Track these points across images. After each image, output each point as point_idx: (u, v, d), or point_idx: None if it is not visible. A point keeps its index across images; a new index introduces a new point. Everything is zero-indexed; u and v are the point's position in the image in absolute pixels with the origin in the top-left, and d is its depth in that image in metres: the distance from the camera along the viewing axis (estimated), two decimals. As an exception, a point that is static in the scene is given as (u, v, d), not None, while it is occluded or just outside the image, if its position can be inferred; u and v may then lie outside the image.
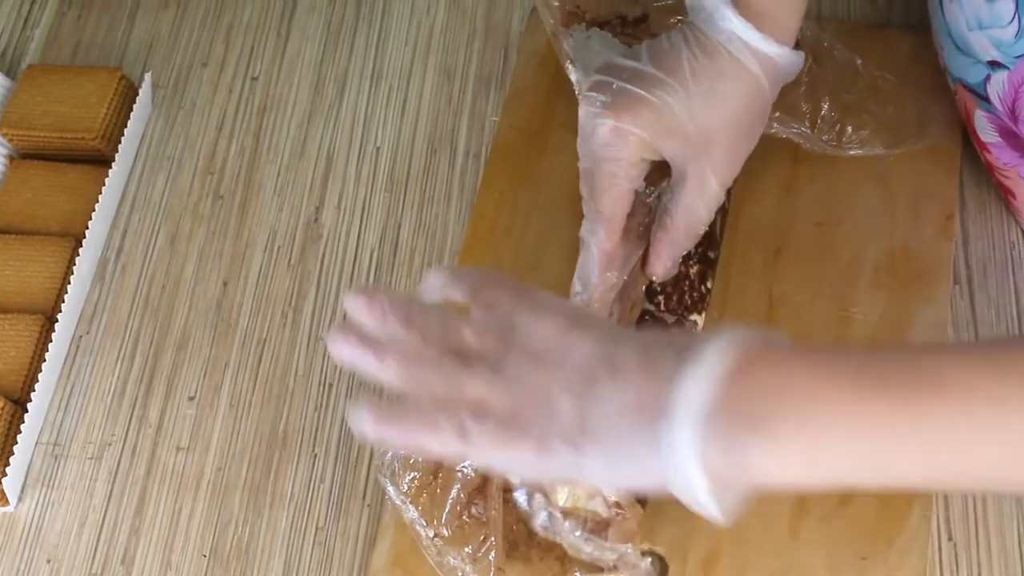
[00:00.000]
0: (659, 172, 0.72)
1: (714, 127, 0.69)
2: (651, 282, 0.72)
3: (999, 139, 0.73)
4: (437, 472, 0.69)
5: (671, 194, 0.71)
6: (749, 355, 0.50)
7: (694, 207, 0.70)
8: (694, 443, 0.48)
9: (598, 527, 0.67)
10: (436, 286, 0.59)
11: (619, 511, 0.66)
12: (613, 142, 0.69)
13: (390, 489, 0.69)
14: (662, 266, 0.72)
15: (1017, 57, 0.65)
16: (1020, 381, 0.47)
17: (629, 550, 0.66)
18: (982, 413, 0.47)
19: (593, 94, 0.70)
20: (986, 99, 0.70)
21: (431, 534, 0.68)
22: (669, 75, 0.69)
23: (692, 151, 0.69)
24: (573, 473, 0.53)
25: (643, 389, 0.50)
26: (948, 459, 0.48)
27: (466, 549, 0.68)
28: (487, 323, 0.55)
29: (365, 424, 0.54)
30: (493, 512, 0.68)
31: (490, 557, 0.68)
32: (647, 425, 0.49)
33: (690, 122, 0.68)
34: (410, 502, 0.69)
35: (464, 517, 0.69)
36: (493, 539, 0.68)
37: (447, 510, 0.68)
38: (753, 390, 0.49)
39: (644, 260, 0.73)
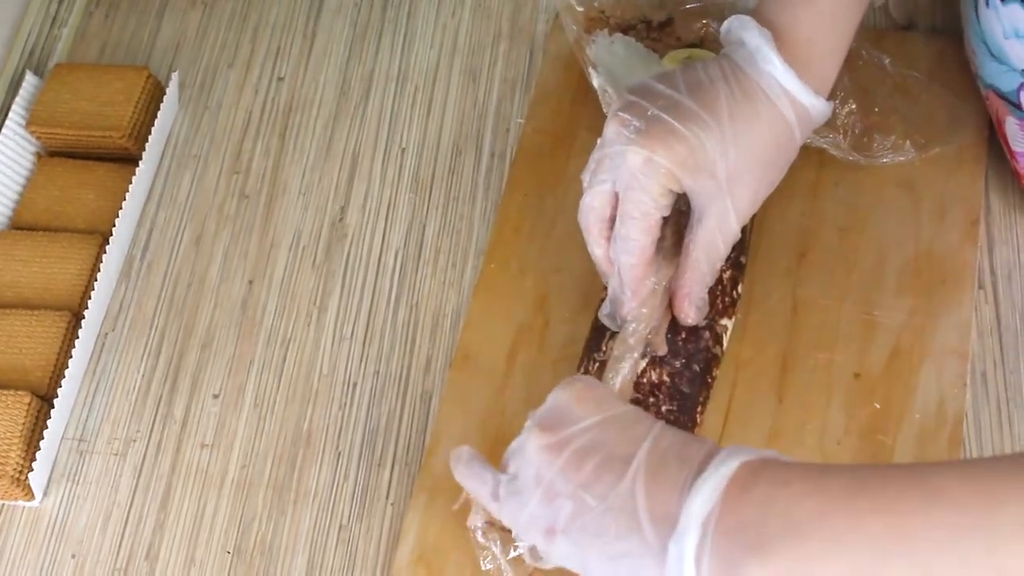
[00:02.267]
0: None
1: (742, 169, 0.68)
2: None
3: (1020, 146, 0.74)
4: None
5: (690, 232, 0.70)
6: (751, 467, 0.53)
7: (714, 245, 0.69)
8: (695, 560, 0.52)
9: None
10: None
11: None
12: (645, 172, 0.67)
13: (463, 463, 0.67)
14: (694, 310, 0.70)
15: None
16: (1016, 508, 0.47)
17: None
18: (978, 532, 0.48)
19: (627, 116, 0.68)
20: (1019, 107, 0.70)
21: (485, 515, 0.68)
22: (705, 111, 0.67)
23: (717, 191, 0.68)
24: (575, 566, 0.58)
25: (652, 501, 0.54)
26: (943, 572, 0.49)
27: (513, 547, 0.68)
28: (546, 410, 0.62)
29: (455, 456, 0.65)
30: None
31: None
32: (653, 537, 0.53)
33: (720, 161, 0.67)
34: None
35: None
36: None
37: None
38: (751, 508, 0.52)
39: (672, 305, 0.71)
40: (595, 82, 0.82)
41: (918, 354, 0.72)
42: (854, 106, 0.79)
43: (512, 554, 0.67)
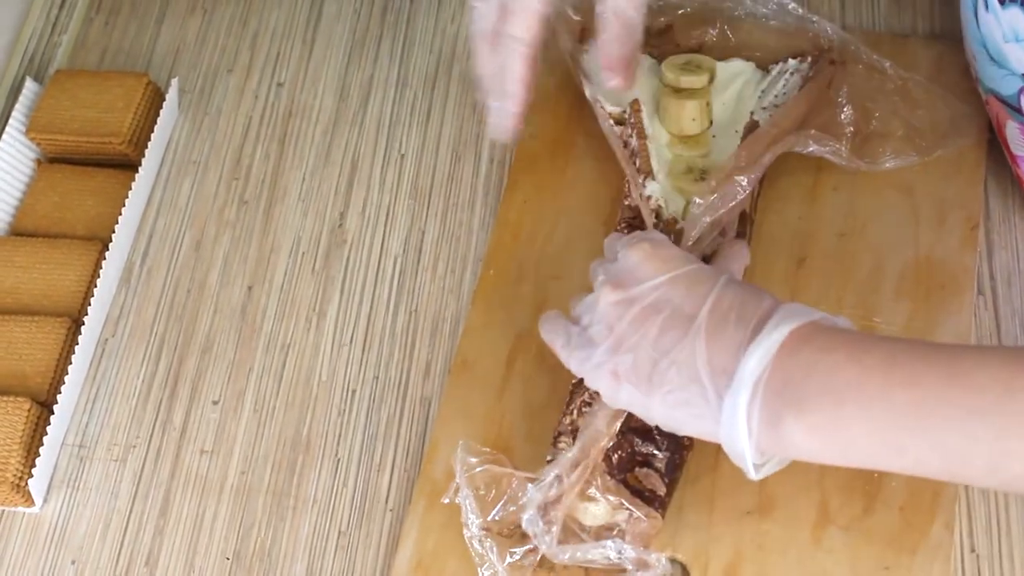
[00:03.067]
0: None
1: None
2: None
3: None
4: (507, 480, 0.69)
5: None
6: (800, 334, 0.58)
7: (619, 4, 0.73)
8: (747, 413, 0.58)
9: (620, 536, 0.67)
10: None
11: (637, 516, 0.67)
12: None
13: (461, 473, 0.68)
14: (615, 73, 0.75)
15: None
16: None
17: (643, 552, 0.67)
18: (990, 416, 0.53)
19: None
20: (1019, 111, 0.70)
21: (482, 523, 0.68)
22: None
23: None
24: (639, 412, 0.64)
25: (712, 357, 0.60)
26: (975, 456, 0.54)
27: (513, 553, 0.68)
28: (617, 270, 0.66)
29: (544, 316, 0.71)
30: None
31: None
32: (712, 390, 0.59)
33: None
34: (472, 488, 0.69)
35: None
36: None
37: (500, 506, 0.68)
38: (797, 370, 0.57)
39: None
40: (588, 92, 0.82)
41: (917, 359, 0.72)
42: (854, 114, 0.79)
43: (509, 559, 0.67)
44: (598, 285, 0.67)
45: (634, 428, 0.69)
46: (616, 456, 0.69)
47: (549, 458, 0.68)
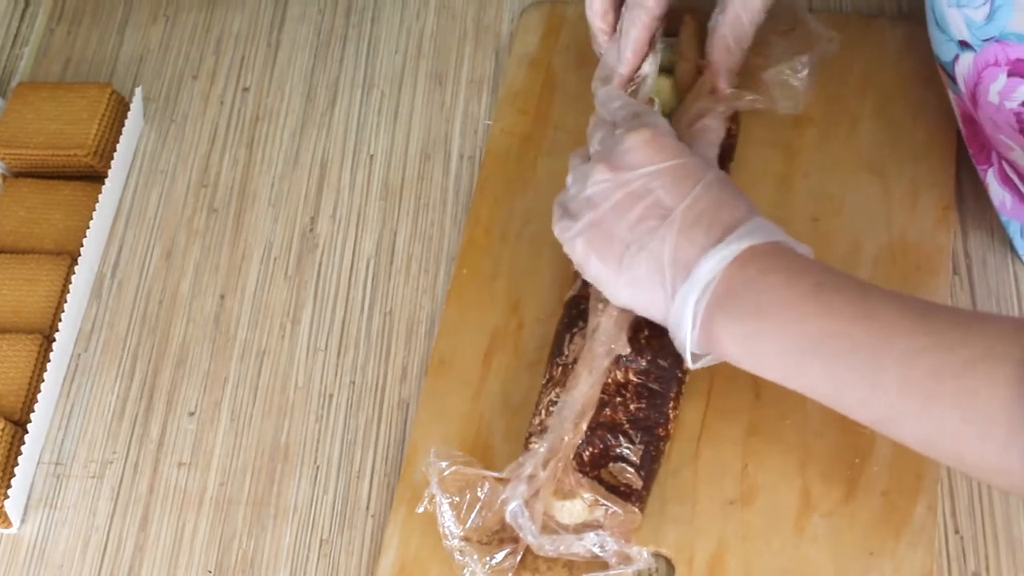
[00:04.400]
0: None
1: None
2: None
3: (961, 125, 0.73)
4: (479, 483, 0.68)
5: (717, 14, 0.76)
6: (757, 250, 0.63)
7: (738, 21, 0.75)
8: (692, 311, 0.63)
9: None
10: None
11: (614, 511, 0.66)
12: None
13: (434, 482, 0.68)
14: (723, 81, 0.76)
15: (984, 40, 0.65)
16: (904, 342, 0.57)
17: (625, 546, 0.66)
18: (871, 353, 0.58)
19: None
20: (953, 79, 0.69)
21: (460, 533, 0.67)
22: None
23: None
24: (603, 288, 0.68)
25: (677, 252, 0.64)
26: (852, 387, 0.59)
27: (493, 559, 0.67)
28: (612, 148, 0.69)
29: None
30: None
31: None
32: (670, 281, 0.64)
33: None
34: (446, 497, 0.68)
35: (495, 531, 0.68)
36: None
37: (475, 513, 0.68)
38: (739, 283, 0.62)
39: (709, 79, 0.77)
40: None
41: (895, 342, 0.72)
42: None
43: (490, 563, 0.67)
44: (593, 157, 0.70)
45: (604, 424, 0.69)
46: (587, 453, 0.68)
47: (521, 461, 0.68)
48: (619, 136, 0.69)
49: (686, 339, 0.64)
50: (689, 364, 0.66)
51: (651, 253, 0.65)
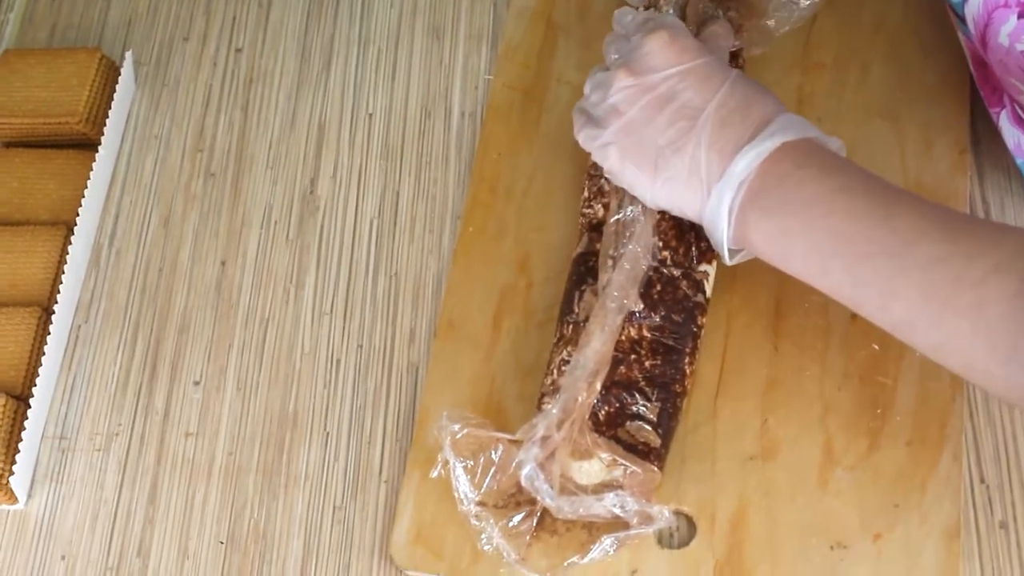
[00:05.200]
0: None
1: None
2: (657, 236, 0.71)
3: (972, 68, 0.71)
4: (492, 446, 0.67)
5: None
6: (789, 146, 0.63)
7: None
8: (728, 208, 0.64)
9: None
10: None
11: (633, 470, 0.65)
12: None
13: (448, 447, 0.66)
14: None
15: None
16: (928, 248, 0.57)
17: (645, 505, 0.65)
18: (895, 259, 0.58)
19: None
20: (963, 20, 0.68)
21: (475, 497, 0.66)
22: None
23: None
24: (639, 192, 0.69)
25: (711, 151, 0.64)
26: (872, 291, 0.59)
27: (509, 522, 0.66)
28: (632, 54, 0.69)
29: None
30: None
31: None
32: (705, 180, 0.65)
33: None
34: (460, 462, 0.67)
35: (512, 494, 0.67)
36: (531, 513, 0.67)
37: (490, 477, 0.66)
38: (772, 179, 0.63)
39: None
40: None
41: (913, 290, 0.70)
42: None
43: (507, 526, 0.65)
44: (612, 65, 0.70)
45: (619, 382, 0.67)
46: (603, 412, 0.67)
47: (534, 422, 0.66)
48: (637, 41, 0.69)
49: (723, 237, 0.65)
50: (726, 260, 0.67)
51: (686, 154, 0.65)
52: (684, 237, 0.70)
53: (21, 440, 0.75)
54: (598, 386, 0.66)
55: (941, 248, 0.57)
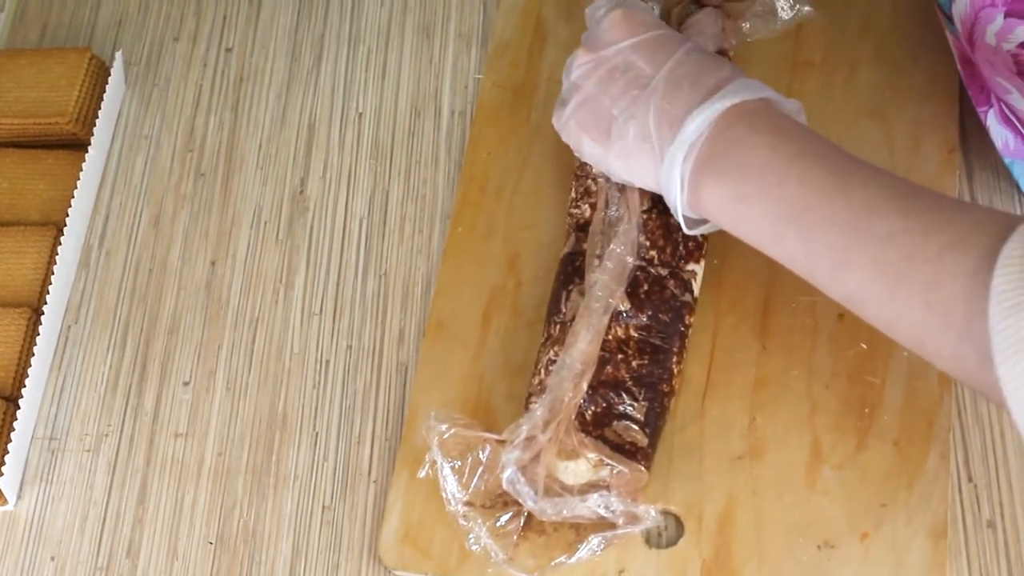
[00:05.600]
0: None
1: None
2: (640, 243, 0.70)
3: (960, 67, 0.71)
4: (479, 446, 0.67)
5: None
6: (743, 108, 0.63)
7: None
8: (681, 169, 0.64)
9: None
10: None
11: (620, 470, 0.65)
12: None
13: (435, 447, 0.66)
14: None
15: None
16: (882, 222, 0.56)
17: (632, 505, 0.65)
18: (848, 230, 0.57)
19: None
20: (950, 19, 0.68)
21: (463, 498, 0.66)
22: None
23: None
24: (598, 164, 0.70)
25: (662, 116, 0.64)
26: (825, 262, 0.59)
27: (497, 521, 0.66)
28: (592, 33, 0.70)
29: None
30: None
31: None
32: (657, 145, 0.65)
33: None
34: (448, 462, 0.67)
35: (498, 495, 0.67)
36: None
37: (477, 477, 0.66)
38: (724, 142, 0.62)
39: None
40: None
41: (901, 289, 0.70)
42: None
43: (494, 527, 0.65)
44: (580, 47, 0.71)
45: (606, 382, 0.67)
46: (590, 412, 0.67)
47: (519, 422, 0.66)
48: (596, 20, 0.70)
49: (676, 201, 0.65)
50: (684, 229, 0.67)
51: (638, 121, 0.65)
52: (671, 236, 0.70)
53: (11, 441, 0.76)
54: (584, 386, 0.66)
55: (896, 222, 0.56)
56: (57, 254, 0.82)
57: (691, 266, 0.71)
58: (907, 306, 0.55)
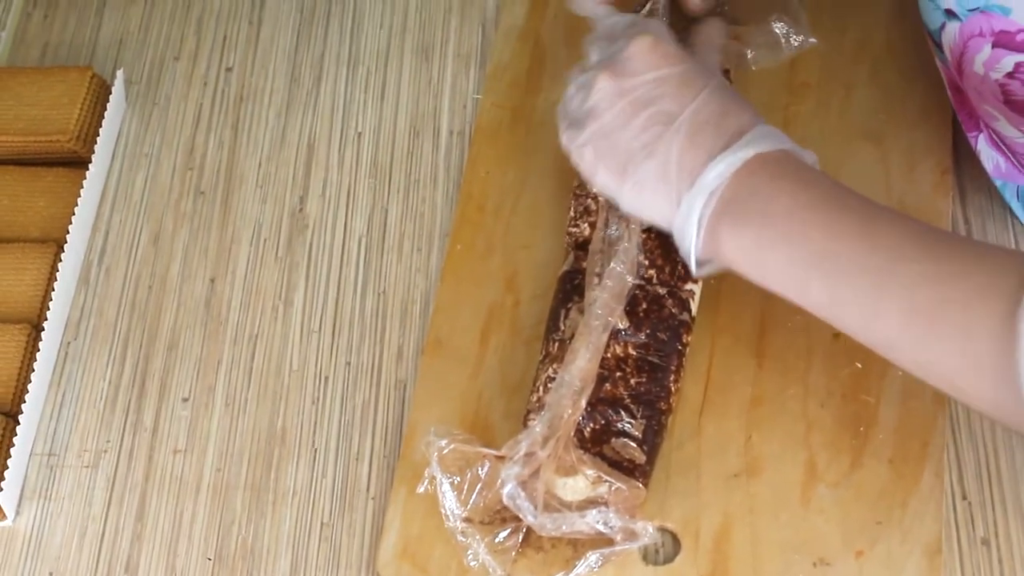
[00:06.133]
0: None
1: None
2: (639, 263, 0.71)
3: (949, 93, 0.72)
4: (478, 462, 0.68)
5: None
6: (764, 158, 0.62)
7: None
8: (698, 218, 0.63)
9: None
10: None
11: (618, 487, 0.65)
12: None
13: (435, 463, 0.67)
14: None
15: (971, 10, 0.64)
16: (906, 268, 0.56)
17: (629, 521, 0.65)
18: (876, 275, 0.57)
19: None
20: (940, 48, 0.69)
21: (462, 514, 0.67)
22: None
23: None
24: (611, 196, 0.68)
25: (683, 158, 0.63)
26: (854, 309, 0.59)
27: (495, 538, 0.67)
28: (615, 57, 0.68)
29: None
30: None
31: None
32: (676, 187, 0.64)
33: None
34: (447, 478, 0.67)
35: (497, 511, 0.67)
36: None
37: (476, 493, 0.67)
38: (744, 190, 0.62)
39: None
40: None
41: (896, 309, 0.71)
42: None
43: (492, 544, 0.66)
44: (594, 66, 0.69)
45: (604, 399, 0.68)
46: (588, 429, 0.67)
47: (518, 439, 0.67)
48: (620, 44, 0.68)
49: (691, 246, 0.64)
50: (694, 271, 0.66)
51: (657, 160, 0.64)
52: (670, 256, 0.71)
53: (10, 457, 0.76)
54: (583, 403, 0.67)
55: (925, 267, 0.56)
56: (57, 271, 0.82)
57: (689, 286, 0.71)
58: (940, 352, 0.55)
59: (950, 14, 0.66)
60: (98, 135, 0.88)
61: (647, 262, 0.70)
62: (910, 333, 0.56)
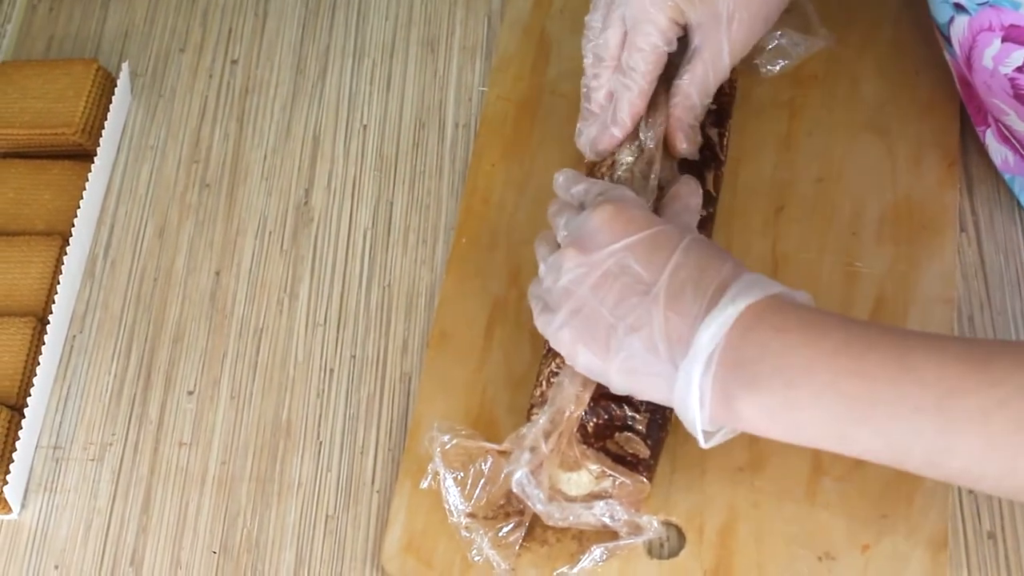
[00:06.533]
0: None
1: (741, 5, 0.70)
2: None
3: (958, 87, 0.72)
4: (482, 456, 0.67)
5: (685, 66, 0.72)
6: (757, 309, 0.58)
7: (705, 79, 0.72)
8: (700, 386, 0.58)
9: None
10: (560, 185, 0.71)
11: (622, 481, 0.65)
12: (655, 4, 0.70)
13: (438, 458, 0.67)
14: (684, 141, 0.73)
15: (979, 4, 0.64)
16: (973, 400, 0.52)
17: (634, 515, 0.65)
18: (935, 413, 0.53)
19: None
20: (949, 42, 0.68)
21: (465, 509, 0.67)
22: None
23: (717, 25, 0.70)
24: (597, 377, 0.64)
25: (669, 327, 0.59)
26: (920, 450, 0.54)
27: (499, 532, 0.67)
28: (579, 230, 0.65)
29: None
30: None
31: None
32: (667, 358, 0.59)
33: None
34: (450, 473, 0.67)
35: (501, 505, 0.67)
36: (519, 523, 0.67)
37: (479, 488, 0.67)
38: (750, 348, 0.57)
39: (667, 144, 0.73)
40: None
41: (903, 303, 0.71)
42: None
43: (496, 538, 0.66)
44: (562, 242, 0.66)
45: (607, 394, 0.68)
46: (592, 424, 0.67)
47: (522, 432, 0.67)
48: (584, 216, 0.65)
49: (695, 419, 0.59)
50: (702, 444, 0.61)
51: (641, 332, 0.60)
52: None
53: (15, 450, 0.76)
54: (587, 398, 0.67)
55: (987, 394, 0.52)
56: (62, 264, 0.82)
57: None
58: None
59: (959, 8, 0.65)
60: (103, 128, 0.88)
61: None
62: (994, 465, 0.53)
